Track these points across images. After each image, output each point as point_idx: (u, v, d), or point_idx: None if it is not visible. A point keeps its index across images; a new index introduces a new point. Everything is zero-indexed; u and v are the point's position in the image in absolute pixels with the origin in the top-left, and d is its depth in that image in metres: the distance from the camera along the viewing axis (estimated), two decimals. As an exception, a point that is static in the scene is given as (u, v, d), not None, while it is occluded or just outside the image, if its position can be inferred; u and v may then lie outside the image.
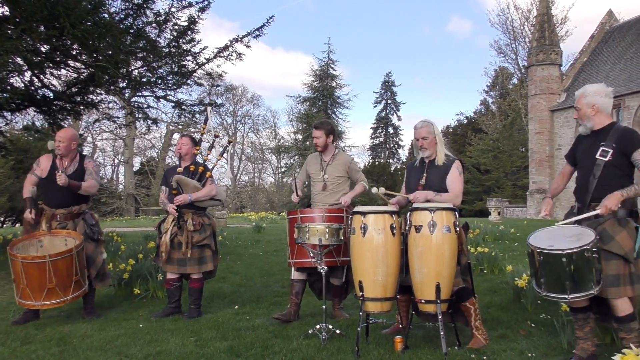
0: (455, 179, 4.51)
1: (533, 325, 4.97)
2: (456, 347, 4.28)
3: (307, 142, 35.13)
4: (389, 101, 53.84)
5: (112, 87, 9.90)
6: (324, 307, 4.69)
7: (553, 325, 4.56)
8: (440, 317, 4.06)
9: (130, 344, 4.54)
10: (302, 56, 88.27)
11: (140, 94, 10.81)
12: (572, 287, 3.57)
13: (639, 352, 2.94)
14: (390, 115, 53.90)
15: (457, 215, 4.26)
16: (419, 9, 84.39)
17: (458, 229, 4.23)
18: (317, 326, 4.61)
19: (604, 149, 3.77)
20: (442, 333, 4.02)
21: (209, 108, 6.68)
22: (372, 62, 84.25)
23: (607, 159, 3.75)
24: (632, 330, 3.63)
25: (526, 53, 32.24)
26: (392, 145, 53.90)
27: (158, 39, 9.21)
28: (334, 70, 36.90)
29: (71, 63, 9.30)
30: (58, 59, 8.94)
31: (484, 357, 4.03)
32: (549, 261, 3.63)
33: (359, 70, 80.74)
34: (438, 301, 4.07)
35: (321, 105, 36.50)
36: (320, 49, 70.46)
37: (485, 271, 8.07)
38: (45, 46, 8.33)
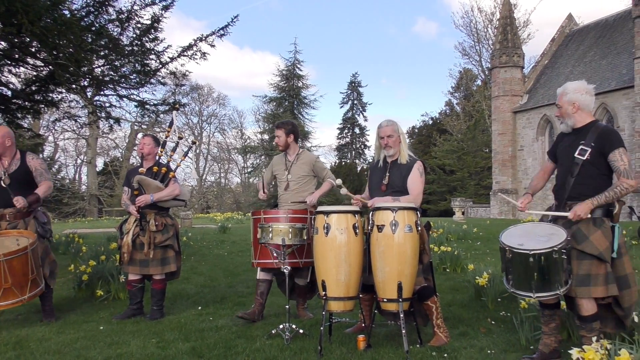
0: (415, 180, 4.53)
1: (493, 322, 5.05)
2: (418, 345, 4.33)
3: (274, 142, 34.99)
4: (355, 102, 54.16)
5: (73, 86, 9.70)
6: (287, 307, 4.70)
7: (512, 323, 4.64)
8: (402, 315, 4.10)
9: (89, 346, 4.46)
10: (270, 56, 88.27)
11: (102, 92, 10.64)
12: (537, 286, 3.60)
13: (598, 347, 3.03)
14: (356, 116, 54.23)
15: (419, 215, 4.30)
16: (386, 11, 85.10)
17: (420, 228, 4.27)
18: (281, 326, 4.62)
19: (583, 147, 3.74)
20: (404, 331, 4.06)
21: (174, 112, 6.61)
22: (339, 63, 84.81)
23: (585, 158, 3.73)
24: (593, 329, 3.66)
25: (490, 55, 32.77)
26: (358, 146, 54.21)
27: (120, 37, 9.08)
28: (301, 70, 36.86)
29: (30, 61, 9.10)
30: (16, 57, 8.74)
31: (445, 355, 4.08)
32: (517, 259, 3.65)
33: (325, 70, 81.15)
34: (400, 300, 4.10)
35: (287, 105, 36.39)
36: (287, 49, 70.49)
37: (447, 270, 8.17)
38: (2, 43, 8.14)
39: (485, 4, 74.79)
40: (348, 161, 50.23)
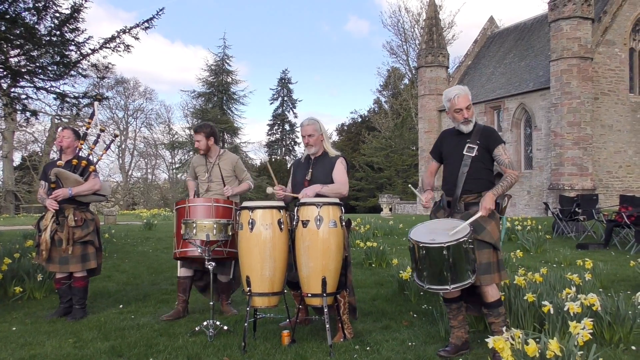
0: (340, 171, 4.66)
1: (415, 315, 5.18)
2: (341, 340, 4.38)
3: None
4: (285, 98, 54.17)
5: (-15, 76, 9.21)
6: (211, 303, 4.64)
7: (433, 315, 4.78)
8: (325, 310, 4.14)
9: (0, 348, 4.25)
10: (202, 50, 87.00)
11: (18, 84, 10.13)
12: (452, 278, 3.74)
13: (508, 336, 3.16)
14: (286, 112, 54.28)
15: (343, 210, 4.35)
16: (318, 8, 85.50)
17: (344, 223, 4.33)
18: (205, 323, 4.56)
19: (470, 145, 4.08)
20: (327, 326, 4.10)
21: (95, 102, 6.38)
22: (271, 59, 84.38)
23: (473, 155, 4.06)
24: (500, 314, 3.90)
25: (416, 55, 33.47)
26: (288, 142, 54.22)
27: (37, 26, 8.67)
28: (230, 65, 36.54)
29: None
30: None
31: (368, 348, 4.15)
32: (431, 255, 3.77)
33: (256, 66, 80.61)
34: (324, 295, 4.14)
35: (217, 100, 35.97)
36: (217, 43, 69.59)
37: (373, 265, 8.30)
38: None
39: (412, 4, 76.50)
40: (278, 157, 50.20)
